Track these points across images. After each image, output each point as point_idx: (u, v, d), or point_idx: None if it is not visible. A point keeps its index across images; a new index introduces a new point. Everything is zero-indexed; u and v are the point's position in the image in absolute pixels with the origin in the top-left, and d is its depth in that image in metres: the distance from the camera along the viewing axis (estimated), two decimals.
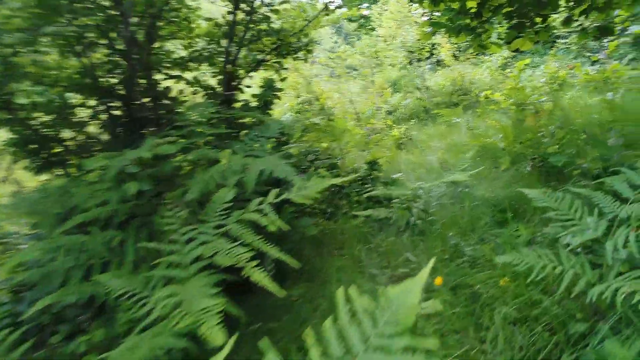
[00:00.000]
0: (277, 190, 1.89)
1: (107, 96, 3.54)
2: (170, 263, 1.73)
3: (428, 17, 5.05)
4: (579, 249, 2.02)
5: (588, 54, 9.92)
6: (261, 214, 1.76)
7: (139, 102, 3.50)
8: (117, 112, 3.57)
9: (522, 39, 4.47)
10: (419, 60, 9.92)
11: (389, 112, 8.94)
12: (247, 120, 3.40)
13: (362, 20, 24.25)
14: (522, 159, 4.54)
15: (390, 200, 3.32)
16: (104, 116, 3.58)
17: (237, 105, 3.77)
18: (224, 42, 3.99)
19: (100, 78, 3.58)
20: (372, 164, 4.41)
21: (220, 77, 3.99)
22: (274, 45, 4.14)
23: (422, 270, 1.07)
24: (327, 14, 4.47)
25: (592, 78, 8.27)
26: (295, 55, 4.30)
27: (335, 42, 12.95)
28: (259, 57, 4.08)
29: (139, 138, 2.91)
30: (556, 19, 5.04)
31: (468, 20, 4.59)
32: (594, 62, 9.28)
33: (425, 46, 9.67)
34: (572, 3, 4.27)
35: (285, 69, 4.40)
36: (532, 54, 16.04)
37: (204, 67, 4.17)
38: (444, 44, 10.10)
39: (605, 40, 8.98)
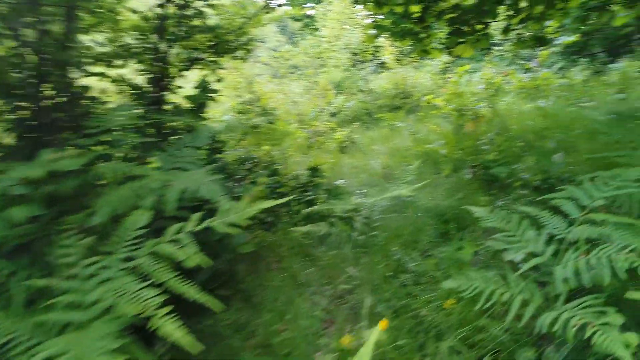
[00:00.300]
0: (199, 214, 1.64)
1: (13, 95, 3.10)
2: (69, 303, 1.44)
3: (372, 20, 4.96)
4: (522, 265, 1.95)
5: (521, 62, 10.35)
6: (178, 245, 1.52)
7: (51, 103, 3.08)
8: (25, 113, 3.13)
9: (464, 46, 4.48)
10: (363, 62, 9.90)
11: (333, 114, 8.83)
12: (178, 124, 3.10)
13: (306, 20, 24.12)
14: (463, 165, 4.56)
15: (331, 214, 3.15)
16: (9, 117, 3.13)
17: (168, 108, 3.46)
18: (153, 38, 3.65)
19: (5, 73, 3.13)
20: (314, 170, 4.23)
21: (149, 75, 3.65)
22: (210, 43, 3.85)
23: (365, 343, 0.89)
24: (268, 12, 4.24)
25: (525, 85, 8.62)
26: (233, 54, 4.03)
27: (279, 42, 12.70)
28: (194, 55, 3.78)
29: (50, 143, 2.55)
30: (494, 27, 5.12)
31: (411, 25, 4.54)
32: (526, 70, 9.69)
33: (368, 48, 9.66)
34: (512, 12, 4.32)
35: (223, 68, 4.12)
36: (470, 60, 16.65)
37: (132, 64, 3.81)
38: (387, 47, 10.15)
39: (537, 50, 9.39)
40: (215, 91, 3.50)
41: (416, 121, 8.15)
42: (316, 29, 13.73)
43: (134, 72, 3.86)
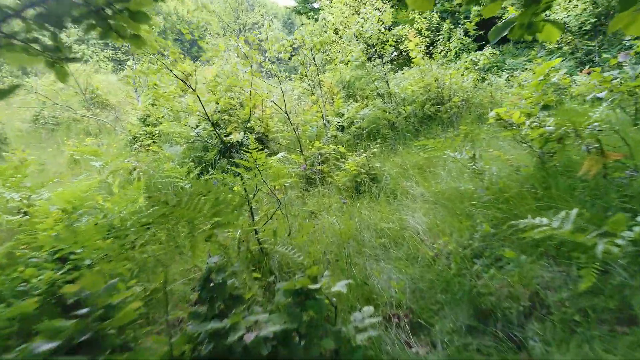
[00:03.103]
0: None
1: None
2: None
3: None
4: None
5: (589, 56, 7.82)
6: None
7: None
8: None
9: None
10: (381, 56, 7.42)
11: (341, 128, 6.38)
12: None
13: (311, 13, 21.68)
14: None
15: None
16: None
17: None
18: None
19: None
20: (305, 296, 1.81)
21: None
22: None
23: None
24: None
25: (614, 88, 6.07)
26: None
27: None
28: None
29: None
30: None
31: None
32: (612, 67, 7.12)
33: (388, 38, 7.20)
34: None
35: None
36: (505, 54, 14.07)
37: None
38: (412, 37, 7.65)
39: (627, 38, 6.87)
40: None
41: (456, 139, 5.71)
42: (319, 12, 11.31)
43: None
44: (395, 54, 8.46)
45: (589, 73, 6.14)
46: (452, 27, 13.72)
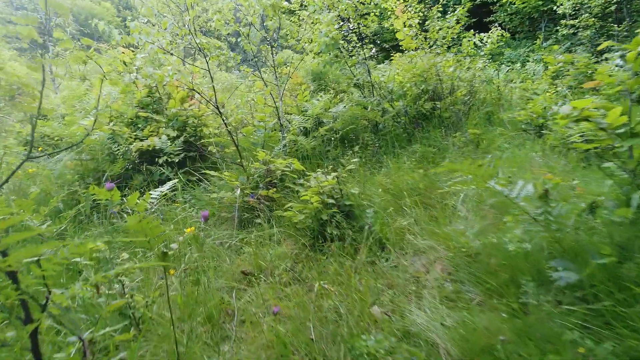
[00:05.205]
0: None
1: None
2: None
3: None
4: None
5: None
6: None
7: None
8: None
9: None
10: (361, 37, 5.65)
11: (305, 132, 4.58)
12: None
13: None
14: None
15: None
16: None
17: None
18: None
19: None
20: None
21: None
22: None
23: None
24: None
25: None
26: None
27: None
28: None
29: None
30: None
31: None
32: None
33: (370, 10, 5.44)
34: None
35: None
36: (506, 46, 12.49)
37: None
38: (400, 13, 5.87)
39: None
40: None
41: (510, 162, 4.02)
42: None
43: None
44: (374, 50, 6.66)
45: None
46: (440, 15, 12.06)
